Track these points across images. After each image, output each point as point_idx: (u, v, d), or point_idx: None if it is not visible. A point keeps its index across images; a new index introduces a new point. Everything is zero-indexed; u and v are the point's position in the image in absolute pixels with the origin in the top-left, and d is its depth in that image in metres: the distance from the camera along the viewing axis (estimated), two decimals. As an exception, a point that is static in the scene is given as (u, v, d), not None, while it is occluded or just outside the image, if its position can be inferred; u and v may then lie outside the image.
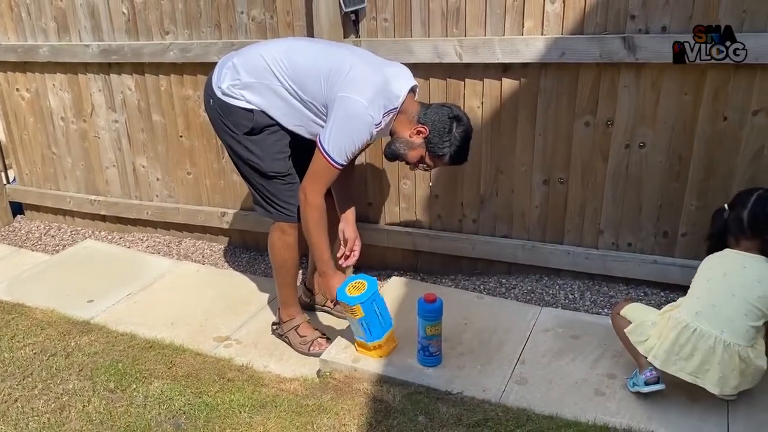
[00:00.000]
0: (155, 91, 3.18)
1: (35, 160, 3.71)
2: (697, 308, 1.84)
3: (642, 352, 1.91)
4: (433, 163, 2.16)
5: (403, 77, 2.13)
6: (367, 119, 2.02)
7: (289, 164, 2.24)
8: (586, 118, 2.44)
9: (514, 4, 2.40)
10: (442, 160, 2.14)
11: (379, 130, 2.10)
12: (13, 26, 3.41)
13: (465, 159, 2.16)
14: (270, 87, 2.13)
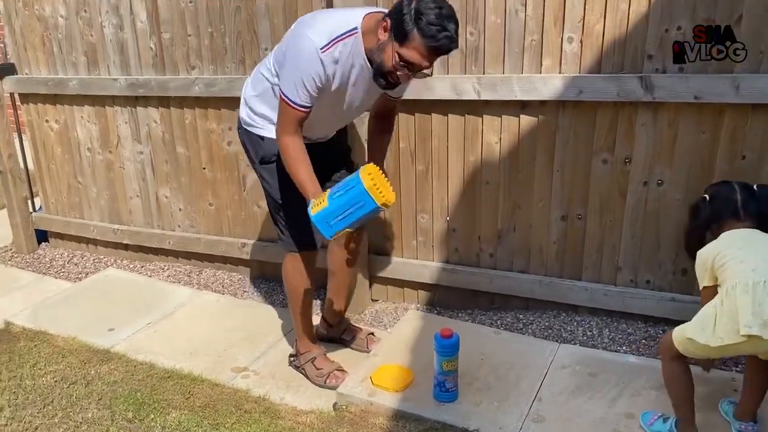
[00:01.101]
0: (180, 124, 3.26)
1: (61, 189, 3.79)
2: (750, 267, 1.71)
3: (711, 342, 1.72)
4: (408, 54, 1.86)
5: (364, 10, 2.06)
6: (311, 46, 1.93)
7: (299, 195, 2.22)
8: (604, 155, 2.46)
9: (532, 43, 2.44)
10: (414, 45, 1.84)
11: (337, 59, 1.98)
12: (45, 60, 3.53)
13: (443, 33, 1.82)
14: (265, 87, 2.19)
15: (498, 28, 2.47)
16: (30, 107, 3.69)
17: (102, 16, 3.25)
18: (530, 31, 2.43)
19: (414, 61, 1.88)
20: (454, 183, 2.76)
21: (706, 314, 1.77)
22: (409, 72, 1.93)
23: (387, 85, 2.00)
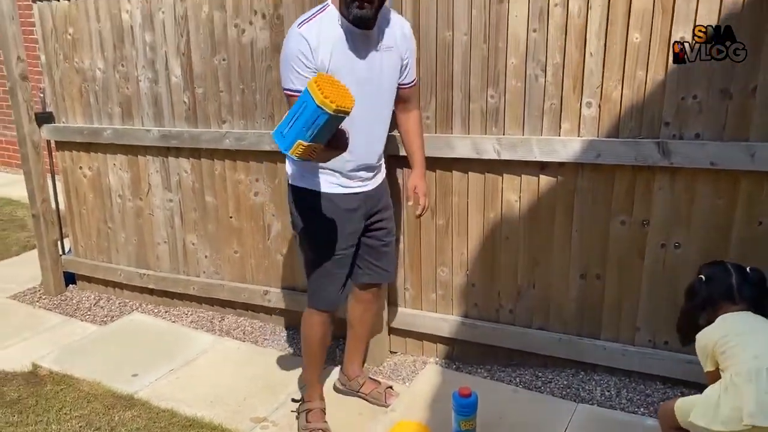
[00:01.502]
0: (209, 175, 3.37)
1: (91, 233, 3.91)
2: (752, 354, 1.73)
3: (713, 426, 1.73)
4: None
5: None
6: (290, 30, 2.09)
7: (325, 253, 2.35)
8: (622, 217, 2.51)
9: (552, 107, 2.52)
10: None
11: (319, 32, 2.08)
12: (82, 110, 3.68)
13: None
14: None
15: (518, 92, 2.56)
16: (65, 154, 3.84)
17: (138, 71, 3.41)
18: (549, 95, 2.51)
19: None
20: (474, 238, 2.81)
21: (710, 399, 1.79)
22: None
23: (359, 9, 2.04)
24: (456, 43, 2.63)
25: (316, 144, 1.85)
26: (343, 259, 2.38)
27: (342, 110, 1.79)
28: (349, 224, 2.35)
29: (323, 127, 1.81)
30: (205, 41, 3.16)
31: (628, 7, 2.31)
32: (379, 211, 2.47)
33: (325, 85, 1.79)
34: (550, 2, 2.42)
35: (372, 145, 2.35)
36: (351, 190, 2.34)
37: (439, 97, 2.71)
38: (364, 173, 2.35)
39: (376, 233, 2.48)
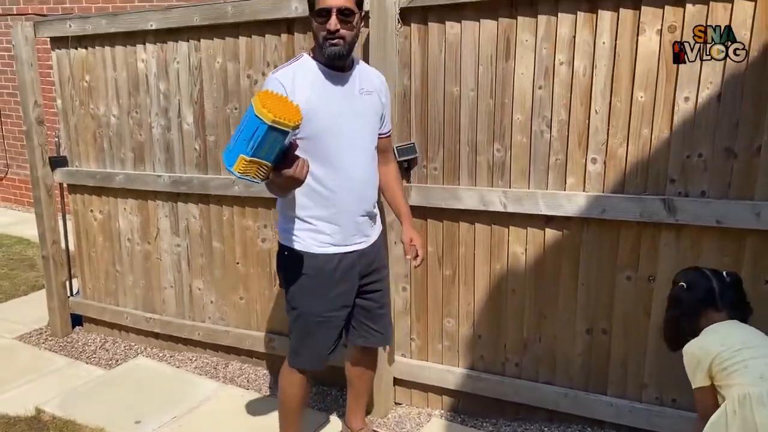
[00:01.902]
0: (218, 220, 3.41)
1: (99, 275, 3.93)
2: (757, 373, 1.71)
3: None
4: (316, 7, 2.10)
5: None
6: (268, 77, 2.18)
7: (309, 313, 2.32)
8: (628, 272, 2.51)
9: (557, 162, 2.55)
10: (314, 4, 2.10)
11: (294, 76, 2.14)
12: (95, 154, 3.75)
13: None
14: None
15: (524, 147, 2.59)
16: (77, 197, 3.89)
17: (151, 118, 3.48)
18: (555, 150, 2.54)
19: (321, 5, 2.08)
20: (480, 289, 2.82)
21: (717, 425, 1.74)
22: (327, 18, 2.07)
23: (332, 47, 2.10)
24: (463, 98, 2.68)
25: (260, 161, 1.79)
26: (330, 322, 2.33)
27: (280, 123, 1.74)
28: (339, 285, 2.30)
29: (263, 141, 1.75)
30: (218, 90, 3.23)
31: (632, 67, 2.35)
32: (374, 271, 2.42)
33: (268, 99, 1.78)
34: (556, 61, 2.47)
35: (359, 192, 2.28)
36: (343, 249, 2.29)
37: (446, 149, 2.75)
38: (355, 228, 2.30)
39: (371, 295, 2.44)
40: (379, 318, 2.50)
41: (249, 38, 3.08)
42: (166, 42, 3.33)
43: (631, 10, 2.33)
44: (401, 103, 2.78)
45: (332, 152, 2.19)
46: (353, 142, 2.23)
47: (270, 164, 1.82)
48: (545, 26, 2.47)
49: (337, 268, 2.29)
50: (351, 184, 2.24)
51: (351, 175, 2.24)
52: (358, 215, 2.30)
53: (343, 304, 2.35)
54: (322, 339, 2.34)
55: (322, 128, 2.16)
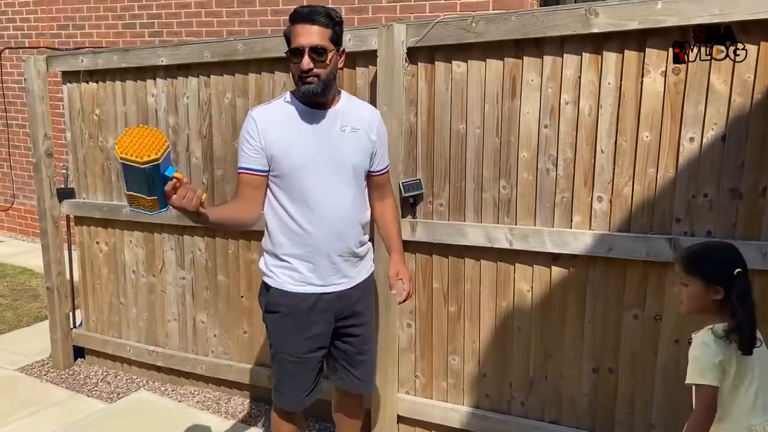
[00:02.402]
0: (223, 254, 3.41)
1: (103, 307, 3.93)
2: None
3: None
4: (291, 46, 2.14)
5: None
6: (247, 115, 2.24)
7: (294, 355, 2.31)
8: (635, 311, 2.50)
9: (563, 199, 2.56)
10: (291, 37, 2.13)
11: (270, 112, 2.22)
12: (103, 187, 3.77)
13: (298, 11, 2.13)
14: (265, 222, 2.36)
15: (530, 184, 2.61)
16: (83, 229, 3.91)
17: (160, 151, 3.50)
18: (561, 188, 2.55)
19: (295, 45, 2.11)
20: (485, 327, 2.80)
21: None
22: (300, 57, 2.10)
23: (307, 84, 2.12)
24: (469, 135, 2.71)
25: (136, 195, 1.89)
26: (305, 363, 2.29)
27: (127, 159, 1.82)
28: (315, 326, 2.27)
29: (126, 176, 1.87)
30: (227, 125, 3.26)
31: (637, 107, 2.38)
32: (354, 315, 2.35)
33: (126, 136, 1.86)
34: (561, 100, 2.50)
35: (335, 231, 2.23)
36: (320, 289, 2.25)
37: (452, 185, 2.77)
38: (332, 268, 2.25)
39: (351, 339, 2.38)
40: (358, 364, 2.43)
41: (258, 75, 3.13)
42: (177, 77, 3.38)
43: (636, 52, 2.36)
44: (407, 140, 2.81)
45: (306, 190, 2.19)
46: (329, 180, 2.21)
47: (147, 196, 1.89)
48: (551, 66, 2.50)
49: (313, 308, 2.26)
50: (327, 223, 2.21)
51: (326, 214, 2.21)
52: (335, 254, 2.25)
53: (318, 346, 2.31)
54: (298, 380, 2.31)
55: (295, 166, 2.17)
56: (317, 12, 2.12)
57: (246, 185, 2.22)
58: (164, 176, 1.90)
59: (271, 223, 2.27)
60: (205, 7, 5.52)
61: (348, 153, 2.25)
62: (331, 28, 2.14)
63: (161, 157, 1.85)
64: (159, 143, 1.87)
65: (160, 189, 1.89)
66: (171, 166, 1.92)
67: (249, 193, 2.22)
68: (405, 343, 2.98)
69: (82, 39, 6.25)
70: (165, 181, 1.90)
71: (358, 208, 2.32)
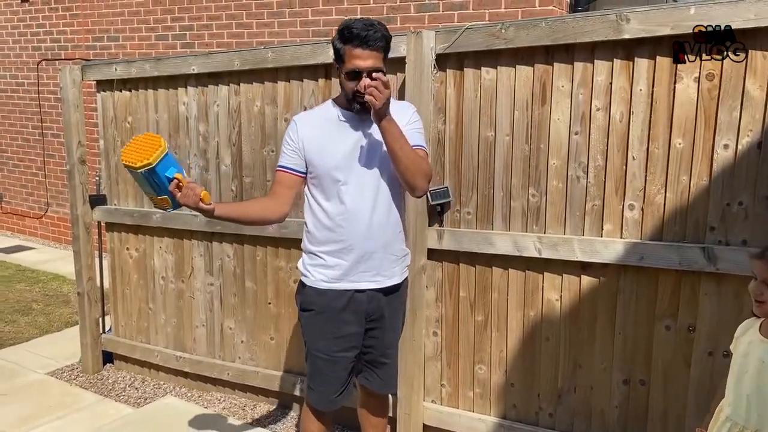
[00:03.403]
0: (251, 260, 3.43)
1: (132, 313, 3.97)
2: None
3: None
4: (347, 66, 2.15)
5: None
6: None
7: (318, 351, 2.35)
8: (667, 321, 2.45)
9: (593, 207, 2.52)
10: (346, 56, 2.15)
11: (311, 116, 2.36)
12: (134, 194, 3.83)
13: (352, 25, 2.13)
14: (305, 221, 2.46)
15: (559, 192, 2.58)
16: (114, 235, 3.96)
17: (190, 158, 3.55)
18: (591, 196, 2.52)
19: (352, 67, 2.15)
20: (513, 336, 2.77)
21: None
22: (357, 80, 2.14)
23: (361, 106, 2.17)
24: (498, 143, 2.69)
25: (148, 194, 2.19)
26: (337, 362, 2.32)
27: (127, 164, 2.08)
28: (347, 326, 2.30)
29: (135, 179, 2.15)
30: (256, 133, 3.29)
31: (670, 114, 2.34)
32: (381, 318, 2.37)
33: (132, 143, 2.14)
34: (592, 107, 2.48)
35: (370, 227, 2.26)
36: (352, 285, 2.29)
37: (480, 193, 2.75)
38: (366, 265, 2.28)
39: (374, 341, 2.40)
40: (381, 366, 2.46)
41: (287, 83, 3.16)
42: (207, 86, 3.42)
43: (668, 58, 2.33)
44: (435, 147, 2.81)
45: (340, 188, 2.26)
46: (362, 178, 2.26)
47: (155, 195, 2.15)
48: (581, 72, 2.48)
49: (346, 307, 2.30)
50: (359, 219, 2.26)
51: (361, 210, 2.26)
52: (369, 251, 2.28)
53: (350, 345, 2.34)
54: (330, 379, 2.34)
55: (331, 166, 2.26)
56: (375, 36, 2.14)
57: (279, 183, 2.35)
58: (167, 177, 2.11)
59: (309, 221, 2.36)
60: (236, 18, 5.60)
61: (383, 154, 2.28)
62: (385, 51, 2.20)
63: (155, 161, 2.06)
64: (153, 148, 2.08)
65: (167, 189, 2.12)
66: (173, 167, 2.13)
67: (280, 190, 2.34)
68: (431, 352, 2.95)
69: (116, 51, 6.38)
70: (169, 181, 2.11)
71: (393, 208, 2.35)
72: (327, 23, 4.98)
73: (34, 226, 7.38)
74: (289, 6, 5.28)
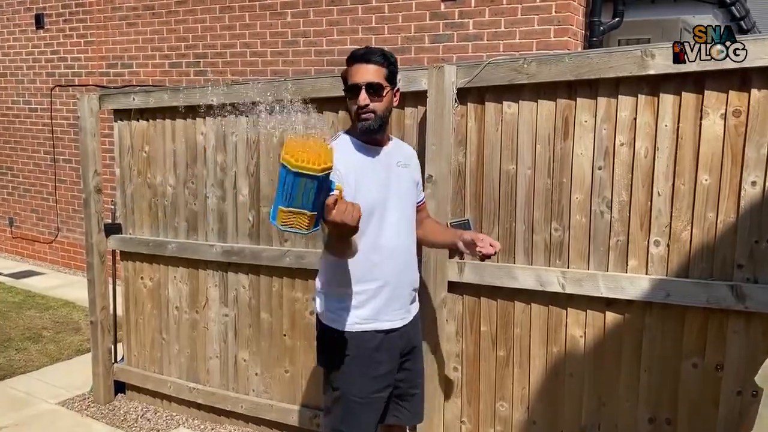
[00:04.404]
0: (267, 291, 3.41)
1: (145, 343, 3.94)
2: None
3: None
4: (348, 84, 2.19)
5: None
6: None
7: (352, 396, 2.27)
8: (694, 359, 2.41)
9: (618, 243, 2.50)
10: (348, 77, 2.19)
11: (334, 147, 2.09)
12: (149, 223, 3.82)
13: (354, 55, 2.19)
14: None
15: (583, 227, 2.56)
16: (128, 264, 3.95)
17: (207, 188, 3.55)
18: (616, 232, 2.50)
19: (350, 84, 2.17)
20: (535, 372, 2.73)
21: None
22: (357, 93, 2.15)
23: (364, 120, 2.17)
24: (520, 176, 2.68)
25: (298, 210, 1.76)
26: (372, 403, 2.27)
27: (303, 167, 1.71)
28: (382, 366, 2.26)
29: (294, 188, 1.74)
30: (274, 164, 3.29)
31: (696, 150, 2.33)
32: (412, 350, 2.38)
33: (292, 145, 1.74)
34: (616, 142, 2.47)
35: (403, 263, 2.27)
36: (386, 325, 2.25)
37: (501, 226, 2.73)
38: (398, 303, 2.28)
39: (406, 374, 2.38)
40: (410, 397, 2.43)
41: (307, 114, 3.16)
42: (226, 116, 3.43)
43: (694, 94, 2.32)
44: (456, 180, 2.80)
45: (375, 225, 2.21)
46: (395, 213, 2.26)
47: (309, 212, 1.78)
48: (605, 108, 2.48)
49: (380, 347, 2.26)
50: (394, 256, 2.25)
51: (394, 247, 2.25)
52: (401, 288, 2.29)
53: (385, 385, 2.30)
54: (365, 420, 2.28)
55: (365, 201, 2.13)
56: (373, 52, 2.20)
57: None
58: (329, 189, 1.80)
59: (337, 262, 2.22)
60: (250, 47, 5.64)
61: (405, 186, 2.33)
62: (386, 66, 2.20)
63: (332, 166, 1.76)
64: (329, 152, 1.76)
65: (322, 203, 1.80)
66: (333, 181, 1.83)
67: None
68: (451, 388, 2.91)
69: (129, 77, 6.43)
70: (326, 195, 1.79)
71: (415, 240, 2.39)
72: (341, 53, 5.01)
73: (44, 251, 7.37)
74: (304, 35, 5.32)
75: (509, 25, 4.50)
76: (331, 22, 5.20)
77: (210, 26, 5.85)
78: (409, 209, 2.33)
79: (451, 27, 4.71)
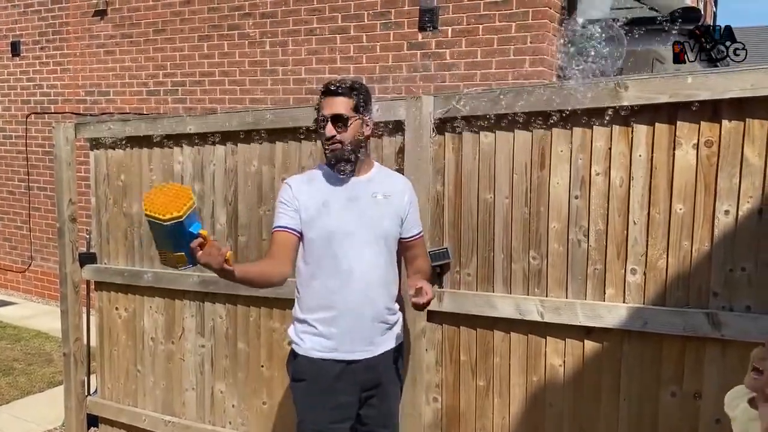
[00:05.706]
0: (244, 321, 3.37)
1: (119, 375, 3.85)
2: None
3: None
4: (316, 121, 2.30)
5: None
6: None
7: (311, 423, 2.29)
8: (673, 387, 2.42)
9: (595, 271, 2.51)
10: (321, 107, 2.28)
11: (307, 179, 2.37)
12: (125, 252, 3.77)
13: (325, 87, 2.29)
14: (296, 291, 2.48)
15: (561, 256, 2.57)
16: (103, 294, 3.88)
17: (184, 217, 3.51)
18: (593, 260, 2.51)
19: (319, 117, 2.28)
20: (516, 402, 2.71)
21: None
22: (324, 124, 2.25)
23: (332, 151, 2.26)
24: (497, 205, 2.69)
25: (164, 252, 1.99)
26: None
27: (151, 216, 1.89)
28: (340, 396, 2.26)
29: (154, 233, 1.96)
30: (251, 192, 3.28)
31: (670, 179, 2.37)
32: (379, 386, 2.35)
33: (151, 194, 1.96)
34: (592, 171, 2.49)
35: (363, 295, 2.27)
36: (346, 356, 2.26)
37: (480, 255, 2.74)
38: (360, 334, 2.27)
39: (373, 412, 2.35)
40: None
41: (285, 144, 3.16)
42: (204, 145, 3.42)
43: (666, 125, 2.37)
44: (434, 209, 2.80)
45: (335, 254, 2.25)
46: (359, 245, 2.28)
47: (172, 252, 1.96)
48: (581, 138, 2.51)
49: (339, 377, 2.25)
50: (354, 287, 2.26)
51: (355, 278, 2.26)
52: (362, 319, 2.28)
53: (343, 417, 2.28)
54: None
55: (321, 227, 2.25)
56: (341, 85, 2.26)
57: (278, 243, 2.29)
58: (190, 233, 1.94)
59: (300, 288, 2.33)
60: (228, 75, 5.65)
61: (378, 218, 2.33)
62: (353, 97, 2.25)
63: (184, 215, 1.91)
64: (183, 201, 1.93)
65: (187, 245, 1.94)
66: (197, 222, 1.98)
67: (281, 251, 2.29)
68: (430, 419, 2.88)
69: (106, 105, 6.40)
70: (191, 237, 1.93)
71: (388, 274, 2.37)
72: (320, 81, 5.01)
73: (17, 280, 7.23)
74: (283, 64, 5.34)
75: (485, 55, 4.57)
76: (310, 51, 5.24)
77: (188, 54, 5.86)
78: (381, 241, 2.33)
79: (429, 57, 4.76)
